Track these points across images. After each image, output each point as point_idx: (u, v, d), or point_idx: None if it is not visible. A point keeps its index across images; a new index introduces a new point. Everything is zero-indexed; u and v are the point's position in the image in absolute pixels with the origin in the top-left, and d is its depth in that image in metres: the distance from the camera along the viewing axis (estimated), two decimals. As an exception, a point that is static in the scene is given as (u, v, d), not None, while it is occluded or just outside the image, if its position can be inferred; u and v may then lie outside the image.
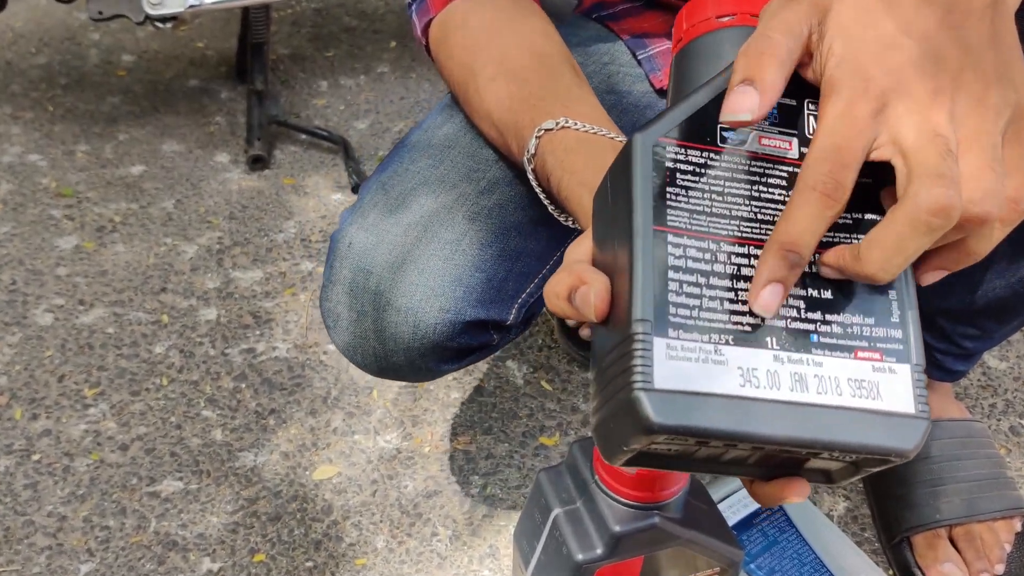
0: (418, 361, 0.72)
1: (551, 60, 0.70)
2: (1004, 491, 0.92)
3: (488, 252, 0.71)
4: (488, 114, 0.70)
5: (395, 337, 0.70)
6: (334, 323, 0.74)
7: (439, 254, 0.70)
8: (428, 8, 0.76)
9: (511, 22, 0.73)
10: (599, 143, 0.61)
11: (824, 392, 0.36)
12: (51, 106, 1.60)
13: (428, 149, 0.76)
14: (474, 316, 0.70)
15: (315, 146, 1.53)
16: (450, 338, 0.70)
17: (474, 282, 0.70)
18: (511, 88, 0.68)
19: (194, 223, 1.36)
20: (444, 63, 0.75)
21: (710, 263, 0.38)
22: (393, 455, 1.03)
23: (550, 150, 0.62)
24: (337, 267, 0.72)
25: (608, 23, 0.86)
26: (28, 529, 0.94)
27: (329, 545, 0.94)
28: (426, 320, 0.69)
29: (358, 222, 0.72)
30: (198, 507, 0.97)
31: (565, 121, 0.62)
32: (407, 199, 0.72)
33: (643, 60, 0.83)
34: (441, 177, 0.73)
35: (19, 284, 1.23)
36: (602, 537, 0.62)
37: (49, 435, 1.04)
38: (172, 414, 1.07)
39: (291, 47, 1.80)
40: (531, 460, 1.03)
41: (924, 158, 0.36)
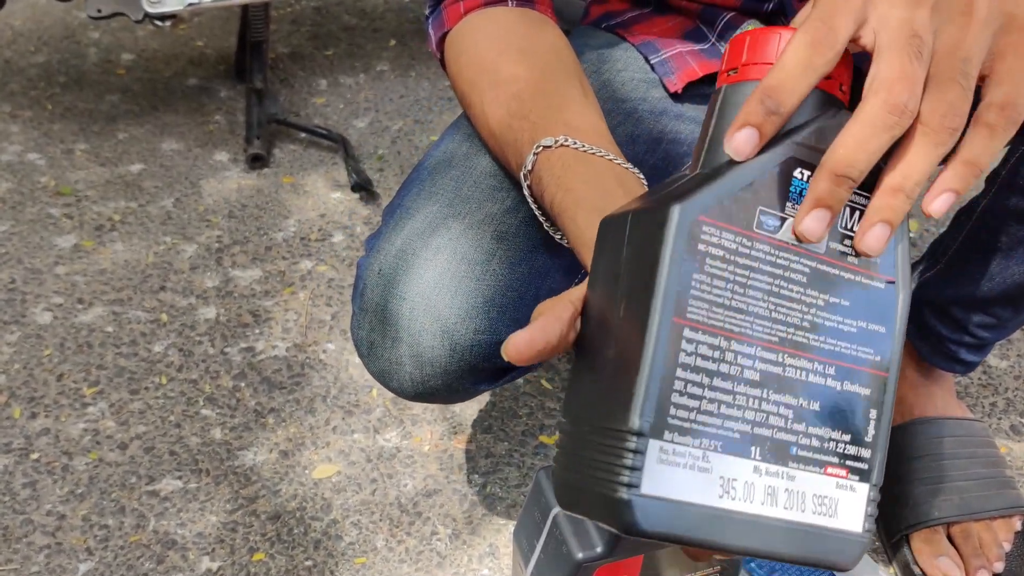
0: (455, 383, 0.72)
1: (557, 77, 0.70)
2: (1004, 490, 0.92)
3: (518, 271, 0.71)
4: (490, 130, 0.70)
5: (432, 362, 0.70)
6: (368, 351, 0.74)
7: (470, 276, 0.70)
8: (443, 22, 0.76)
9: (521, 38, 0.73)
10: (597, 163, 0.61)
11: (790, 508, 0.40)
12: (50, 104, 1.60)
13: (449, 170, 0.76)
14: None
15: (314, 145, 1.53)
16: (487, 359, 0.71)
17: (507, 302, 0.71)
18: (512, 105, 0.68)
19: (193, 222, 1.35)
20: (455, 79, 0.75)
21: (717, 362, 0.38)
22: (393, 454, 1.03)
23: (547, 167, 0.62)
24: (368, 295, 0.72)
25: (618, 31, 0.86)
26: (27, 528, 0.94)
27: (328, 544, 0.94)
28: (463, 343, 0.69)
29: (385, 248, 0.72)
30: (197, 506, 0.97)
31: (564, 139, 0.62)
32: (433, 223, 0.72)
33: (656, 65, 0.82)
34: (465, 198, 0.73)
35: (18, 283, 1.23)
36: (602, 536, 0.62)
37: (48, 434, 1.04)
38: (171, 413, 1.07)
39: (290, 46, 1.80)
40: (531, 459, 1.03)
41: (892, 58, 0.39)
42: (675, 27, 0.84)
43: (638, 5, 0.88)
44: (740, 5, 0.82)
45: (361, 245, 1.32)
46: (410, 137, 1.56)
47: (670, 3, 0.85)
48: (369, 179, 1.41)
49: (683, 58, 0.82)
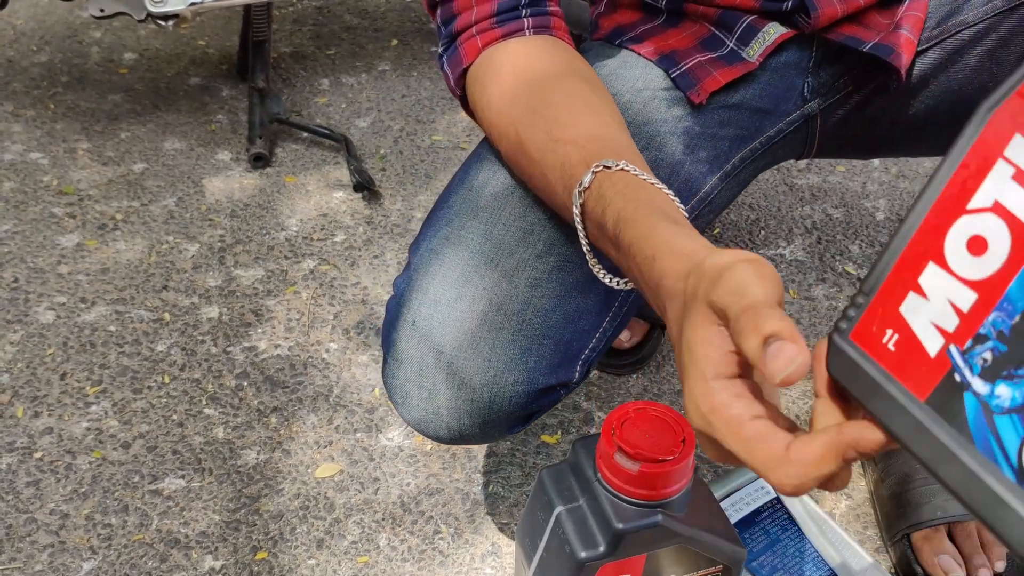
0: (491, 430, 0.73)
1: (592, 103, 0.69)
2: (1006, 489, 0.92)
3: (553, 318, 0.71)
4: (529, 156, 0.69)
5: (471, 413, 0.71)
6: (403, 400, 0.73)
7: (508, 326, 0.70)
8: (461, 58, 0.75)
9: (549, 66, 0.72)
10: (655, 192, 0.59)
11: None
12: (53, 104, 1.60)
13: (478, 212, 0.75)
14: (545, 383, 0.71)
15: (317, 144, 1.53)
16: (524, 407, 0.72)
17: (544, 350, 0.71)
18: (553, 130, 0.66)
19: (196, 221, 1.36)
20: (483, 111, 0.74)
21: None
22: (395, 453, 1.03)
23: (609, 184, 0.60)
24: (403, 345, 0.72)
25: (632, 47, 0.85)
26: (30, 527, 0.94)
27: (331, 543, 0.94)
28: (502, 395, 0.70)
29: (418, 297, 0.72)
30: (200, 505, 0.97)
31: (625, 164, 0.60)
32: (466, 270, 0.71)
33: (677, 78, 0.81)
34: (498, 244, 0.72)
35: (21, 282, 1.24)
36: (605, 535, 0.62)
37: (51, 433, 1.04)
38: (174, 412, 1.07)
39: (293, 45, 1.80)
40: (533, 458, 1.03)
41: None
42: (690, 36, 0.84)
43: (650, 16, 0.86)
44: (760, 7, 0.82)
45: (364, 244, 1.32)
46: (412, 137, 1.56)
47: (686, 10, 0.84)
48: (371, 179, 1.41)
49: (704, 68, 0.81)
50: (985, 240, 0.34)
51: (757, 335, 0.39)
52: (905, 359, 0.36)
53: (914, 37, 0.82)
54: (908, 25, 0.82)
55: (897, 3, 0.84)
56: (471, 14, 0.74)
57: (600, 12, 0.90)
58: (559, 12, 0.77)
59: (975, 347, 0.34)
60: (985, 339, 0.34)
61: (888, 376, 0.36)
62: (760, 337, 0.39)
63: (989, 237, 0.33)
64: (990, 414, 0.33)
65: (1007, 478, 0.32)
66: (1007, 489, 0.32)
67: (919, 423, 0.35)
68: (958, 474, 0.34)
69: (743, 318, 0.40)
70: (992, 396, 0.33)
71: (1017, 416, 0.32)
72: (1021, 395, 0.32)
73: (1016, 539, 0.32)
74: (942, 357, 0.35)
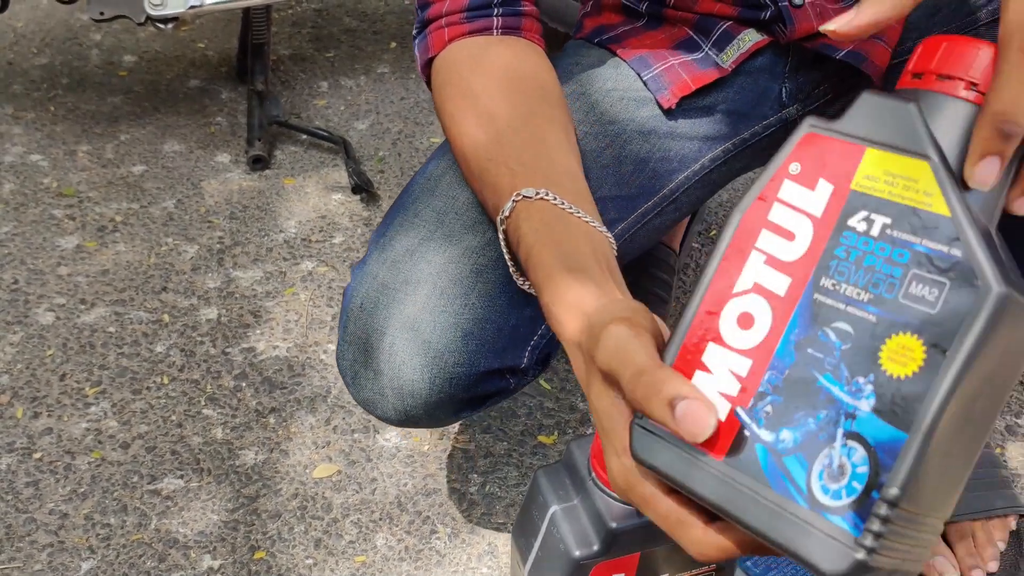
0: (437, 412, 0.73)
1: (539, 118, 0.70)
2: (999, 490, 0.92)
3: (497, 303, 0.72)
4: (469, 168, 0.70)
5: (413, 394, 0.71)
6: (352, 380, 0.75)
7: (449, 310, 0.71)
8: (428, 47, 0.76)
9: (505, 72, 0.72)
10: (574, 225, 0.61)
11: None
12: (53, 106, 1.60)
13: (432, 200, 0.76)
14: (488, 366, 0.72)
15: (315, 146, 1.54)
16: (467, 389, 0.72)
17: (486, 334, 0.71)
18: (491, 148, 0.68)
19: (195, 223, 1.36)
20: (438, 108, 0.75)
21: None
22: (393, 453, 1.03)
23: (526, 217, 0.62)
24: (351, 328, 0.73)
25: (610, 46, 0.86)
26: (30, 527, 0.95)
27: (329, 543, 0.94)
28: (442, 375, 0.71)
29: (368, 281, 0.73)
30: (199, 505, 0.97)
31: (545, 193, 0.62)
32: (414, 256, 0.73)
33: (648, 81, 0.82)
34: (447, 233, 0.73)
35: (21, 283, 1.24)
36: (599, 534, 0.63)
37: (50, 433, 1.04)
38: (173, 413, 1.08)
39: (292, 48, 1.81)
40: (529, 458, 1.04)
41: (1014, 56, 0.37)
42: (668, 39, 0.84)
43: (631, 19, 0.87)
44: (737, 14, 0.82)
45: (362, 246, 1.33)
46: (410, 139, 1.57)
47: (665, 14, 0.85)
48: (370, 181, 1.42)
49: (675, 71, 0.82)
50: (751, 315, 0.40)
51: (659, 401, 0.40)
52: None
53: (888, 46, 0.83)
54: (884, 34, 0.83)
55: None
56: (444, 4, 0.75)
57: (586, 12, 0.91)
58: (533, 12, 0.77)
59: (757, 404, 0.39)
60: (764, 395, 0.39)
61: (688, 446, 0.41)
62: (663, 403, 0.40)
63: (754, 312, 0.40)
64: (779, 457, 0.38)
65: (802, 507, 0.37)
66: (803, 517, 0.37)
67: (722, 480, 0.39)
68: (763, 515, 0.38)
69: (638, 388, 0.41)
70: (778, 442, 0.38)
71: (800, 454, 0.38)
72: (800, 435, 0.38)
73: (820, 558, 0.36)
74: (731, 419, 0.40)
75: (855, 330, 0.37)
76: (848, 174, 0.39)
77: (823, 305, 0.39)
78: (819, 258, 0.39)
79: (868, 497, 0.35)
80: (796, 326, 0.39)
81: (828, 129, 0.40)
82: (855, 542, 0.35)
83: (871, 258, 0.38)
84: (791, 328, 0.39)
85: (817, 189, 0.40)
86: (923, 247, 0.37)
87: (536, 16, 0.77)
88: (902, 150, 0.38)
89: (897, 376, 0.36)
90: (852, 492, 0.36)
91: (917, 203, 0.37)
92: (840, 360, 0.37)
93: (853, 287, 0.38)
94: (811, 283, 0.39)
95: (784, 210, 0.41)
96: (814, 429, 0.38)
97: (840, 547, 0.35)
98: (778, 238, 0.41)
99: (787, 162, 0.41)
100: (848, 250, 0.38)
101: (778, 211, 0.41)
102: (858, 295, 0.38)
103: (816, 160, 0.40)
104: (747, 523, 0.38)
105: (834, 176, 0.40)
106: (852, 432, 0.37)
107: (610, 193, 0.78)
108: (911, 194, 0.37)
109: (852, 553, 0.35)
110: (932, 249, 0.36)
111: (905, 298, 0.37)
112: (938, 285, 0.36)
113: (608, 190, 0.78)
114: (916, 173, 0.38)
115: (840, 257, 0.39)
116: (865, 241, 0.38)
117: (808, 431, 0.38)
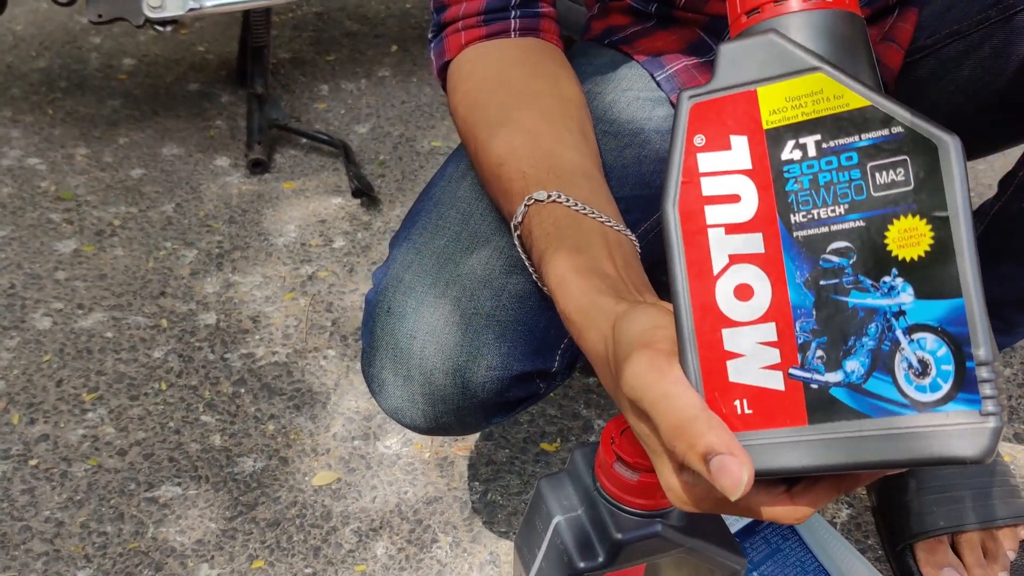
0: (468, 418, 0.72)
1: (555, 121, 0.68)
2: (1009, 499, 0.91)
3: (528, 304, 0.70)
4: (483, 174, 0.69)
5: (444, 399, 0.70)
6: (379, 388, 0.73)
7: (480, 312, 0.69)
8: (444, 51, 0.75)
9: (521, 76, 0.71)
10: (588, 226, 0.59)
11: None
12: (51, 109, 1.59)
13: (456, 202, 0.74)
14: (520, 370, 0.70)
15: (315, 150, 1.53)
16: (499, 394, 0.70)
17: (517, 336, 0.70)
18: (504, 152, 0.66)
19: (194, 227, 1.35)
20: (453, 112, 0.74)
21: None
22: (393, 461, 1.02)
23: (537, 222, 0.61)
24: (378, 333, 0.71)
25: (621, 47, 0.84)
26: (25, 535, 0.93)
27: (328, 551, 0.93)
28: (474, 380, 0.69)
29: (394, 285, 0.71)
30: (196, 513, 0.96)
31: (557, 195, 0.60)
32: (441, 257, 0.71)
33: (662, 81, 0.81)
34: (474, 232, 0.72)
35: (18, 288, 1.23)
36: (604, 545, 0.62)
37: (47, 440, 1.03)
38: (171, 419, 1.06)
39: (292, 51, 1.80)
40: (532, 466, 1.02)
41: None
42: (678, 40, 0.83)
43: (640, 20, 0.87)
44: None
45: (362, 251, 1.32)
46: (411, 143, 1.56)
47: (674, 15, 0.84)
48: (370, 185, 1.41)
49: (689, 72, 0.81)
50: (746, 284, 0.40)
51: (694, 456, 0.39)
52: (766, 410, 0.40)
53: (901, 48, 0.82)
54: (896, 36, 0.82)
55: (886, 16, 0.83)
56: (460, 7, 0.74)
57: (593, 15, 0.90)
58: (551, 13, 0.76)
59: (806, 355, 0.39)
60: (808, 344, 0.39)
61: (766, 433, 0.40)
62: (698, 458, 0.39)
63: (747, 280, 0.40)
64: (859, 388, 0.38)
65: (912, 415, 0.36)
66: (920, 424, 0.36)
67: (823, 443, 0.38)
68: (884, 446, 0.37)
69: (674, 442, 0.40)
70: (848, 375, 0.38)
71: (877, 372, 0.37)
72: (865, 357, 0.38)
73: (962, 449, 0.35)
74: (791, 384, 0.39)
75: (852, 242, 0.37)
76: (754, 118, 0.39)
77: (808, 238, 0.38)
78: (775, 202, 0.39)
79: (964, 370, 0.36)
80: (795, 269, 0.39)
81: (709, 92, 0.40)
82: (980, 415, 0.35)
83: (824, 175, 0.38)
84: (791, 274, 0.39)
85: (734, 147, 0.40)
86: (865, 141, 0.37)
87: (554, 17, 0.77)
88: (789, 74, 0.39)
89: (917, 257, 0.36)
90: (947, 376, 0.36)
91: (833, 109, 0.38)
92: (856, 274, 0.37)
93: (824, 208, 0.38)
94: (782, 227, 0.39)
95: (714, 180, 0.40)
96: (874, 344, 0.37)
97: (971, 428, 0.35)
98: (725, 206, 0.40)
99: (689, 138, 0.41)
100: (798, 180, 0.38)
101: (709, 184, 0.40)
102: (834, 212, 0.38)
103: (716, 123, 0.40)
104: (873, 463, 0.37)
105: (742, 127, 0.40)
106: (911, 326, 0.36)
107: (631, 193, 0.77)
108: (823, 105, 0.38)
109: (985, 426, 0.35)
110: (874, 138, 0.37)
111: (877, 190, 0.37)
112: (900, 164, 0.37)
113: (630, 190, 0.77)
114: (815, 86, 0.38)
115: (795, 190, 0.39)
116: (809, 164, 0.38)
117: (871, 349, 0.37)
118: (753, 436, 0.40)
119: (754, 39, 0.39)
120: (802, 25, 0.39)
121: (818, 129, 0.38)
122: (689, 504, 0.43)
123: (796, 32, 0.39)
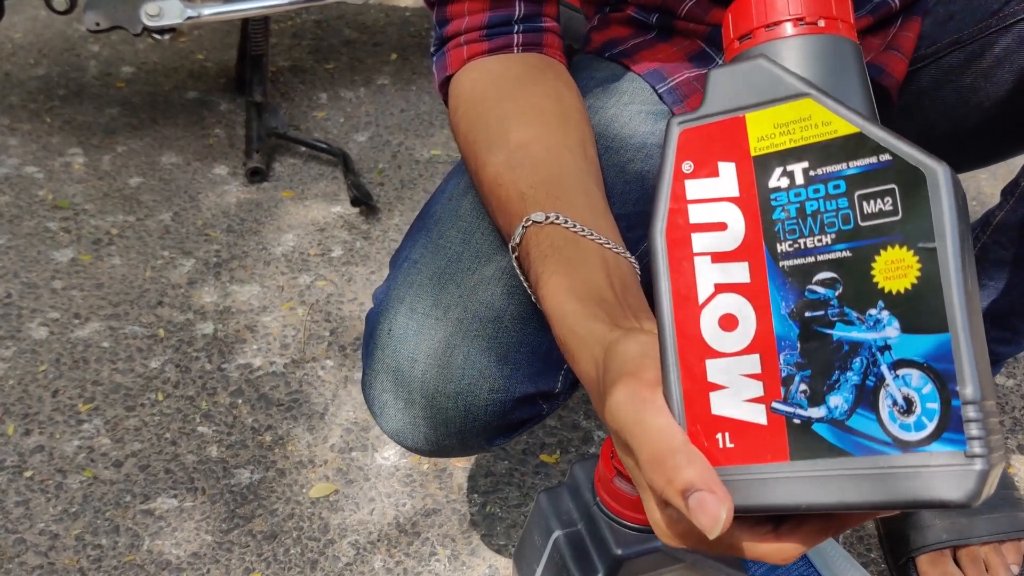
0: (470, 441, 0.71)
1: (555, 140, 0.67)
2: (1012, 512, 0.90)
3: (530, 326, 0.70)
4: (482, 192, 0.69)
5: (447, 422, 0.69)
6: (380, 411, 0.72)
7: (483, 334, 0.68)
8: (446, 65, 0.74)
9: (522, 94, 0.70)
10: (586, 248, 0.59)
11: None
12: (49, 117, 1.59)
13: (456, 221, 0.73)
14: (523, 392, 0.69)
15: (314, 159, 1.52)
16: (501, 416, 0.70)
17: (520, 358, 0.69)
18: (502, 171, 0.65)
19: (192, 236, 1.34)
20: (454, 128, 0.73)
21: None
22: (391, 473, 1.01)
23: (535, 244, 0.60)
24: (379, 355, 0.71)
25: (622, 60, 0.84)
26: (19, 547, 0.92)
27: (325, 564, 0.92)
28: (477, 403, 0.68)
29: (395, 306, 0.71)
30: (192, 525, 0.95)
31: (555, 217, 0.60)
32: (442, 278, 0.70)
33: (664, 94, 0.80)
34: (475, 252, 0.71)
35: (14, 297, 1.22)
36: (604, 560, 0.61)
37: (42, 451, 1.02)
38: (167, 430, 1.05)
39: (291, 59, 1.80)
40: (531, 478, 1.02)
41: None
42: (680, 52, 0.83)
43: (641, 31, 0.86)
44: None
45: (361, 260, 1.31)
46: (411, 152, 1.55)
47: (676, 26, 0.84)
48: (369, 193, 1.40)
49: (691, 84, 0.80)
50: (730, 315, 0.39)
51: (673, 491, 0.38)
52: (749, 444, 0.38)
53: (905, 57, 0.82)
54: (900, 45, 0.82)
55: (890, 24, 0.83)
56: (463, 22, 0.73)
57: (593, 27, 0.90)
58: (555, 28, 0.75)
59: (789, 389, 0.38)
60: (791, 378, 0.37)
61: (748, 468, 0.38)
62: (676, 493, 0.38)
63: (731, 310, 0.39)
64: (842, 424, 0.37)
65: (896, 455, 0.35)
66: (903, 464, 0.35)
67: (804, 480, 0.37)
68: (866, 487, 0.36)
69: (652, 476, 0.40)
70: (831, 411, 0.37)
71: (860, 408, 0.36)
72: (849, 392, 0.36)
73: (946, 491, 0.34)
74: (773, 417, 0.38)
75: (838, 273, 0.37)
76: (742, 145, 0.39)
77: (793, 268, 0.38)
78: (762, 230, 0.38)
79: (950, 409, 0.34)
80: (780, 299, 0.38)
81: (698, 118, 0.40)
82: (966, 457, 0.34)
83: (811, 204, 0.37)
84: (776, 304, 0.38)
85: (721, 173, 0.39)
86: (853, 169, 0.36)
87: (557, 32, 0.76)
88: (778, 100, 0.38)
89: (903, 289, 0.35)
90: (932, 415, 0.35)
91: (821, 136, 0.37)
92: (841, 306, 0.36)
93: (811, 237, 0.37)
94: (768, 256, 0.38)
95: (701, 207, 0.40)
96: (859, 379, 0.36)
97: (956, 470, 0.34)
98: (711, 234, 0.39)
99: (677, 165, 0.40)
100: (785, 208, 0.38)
101: (696, 211, 0.40)
102: (820, 241, 0.37)
103: (703, 150, 0.40)
104: (854, 504, 0.36)
105: (730, 154, 0.39)
106: (896, 361, 0.35)
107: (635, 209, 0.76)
108: (811, 132, 0.37)
109: (971, 468, 0.34)
110: (863, 166, 0.36)
111: (865, 220, 0.36)
112: (888, 193, 0.36)
113: (633, 206, 0.76)
114: (804, 112, 0.37)
115: (782, 219, 0.38)
116: (796, 192, 0.37)
117: (855, 384, 0.36)
118: (734, 471, 0.38)
119: (743, 64, 0.39)
120: (793, 51, 0.39)
121: (806, 156, 0.37)
122: (674, 540, 0.42)
123: (788, 58, 0.39)
